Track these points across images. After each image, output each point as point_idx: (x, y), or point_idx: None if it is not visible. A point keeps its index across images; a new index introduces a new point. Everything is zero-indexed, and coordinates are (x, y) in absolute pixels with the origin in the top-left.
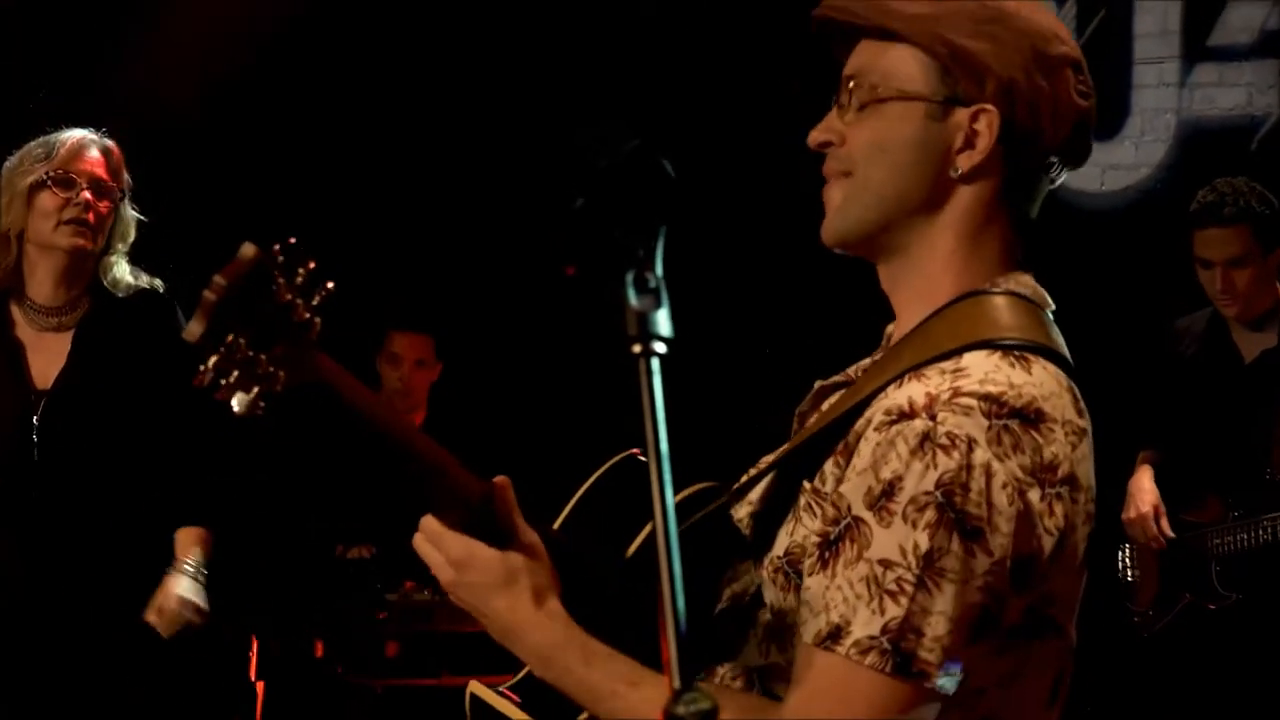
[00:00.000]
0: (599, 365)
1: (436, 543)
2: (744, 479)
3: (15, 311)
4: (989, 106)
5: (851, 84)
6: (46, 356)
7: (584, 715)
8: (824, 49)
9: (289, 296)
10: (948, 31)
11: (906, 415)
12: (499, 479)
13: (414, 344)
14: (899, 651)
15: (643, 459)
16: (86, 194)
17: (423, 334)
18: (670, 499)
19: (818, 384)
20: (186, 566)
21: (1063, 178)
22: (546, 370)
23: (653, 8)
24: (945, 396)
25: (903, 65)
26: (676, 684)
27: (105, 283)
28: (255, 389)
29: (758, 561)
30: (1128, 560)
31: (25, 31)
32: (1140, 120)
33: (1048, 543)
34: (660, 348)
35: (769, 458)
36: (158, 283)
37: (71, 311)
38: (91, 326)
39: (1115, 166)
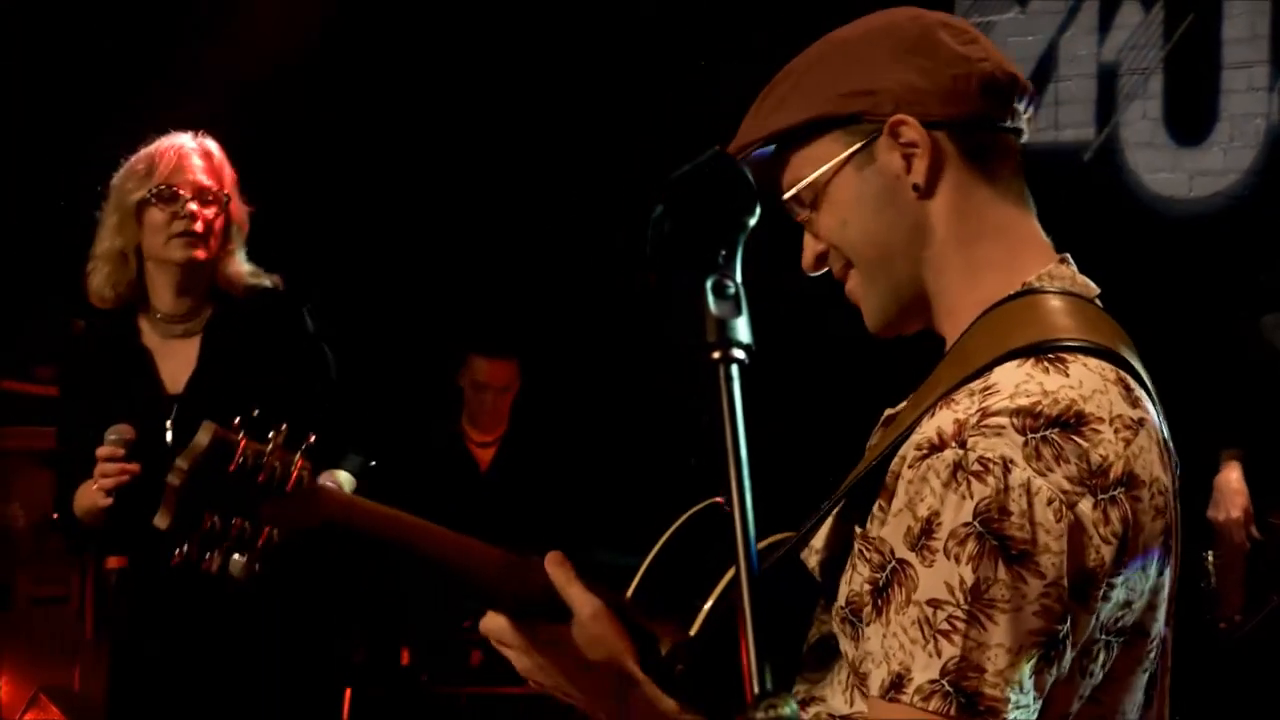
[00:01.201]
0: (681, 373)
1: (502, 638)
2: (808, 524)
3: (142, 321)
4: (898, 115)
5: (791, 197)
6: (176, 362)
7: None
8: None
9: (263, 459)
10: (820, 91)
11: (937, 447)
12: (551, 555)
13: (498, 371)
14: (962, 692)
15: (725, 509)
16: (192, 205)
17: (506, 359)
18: (750, 510)
19: (887, 413)
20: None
21: (1025, 132)
22: (626, 378)
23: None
24: (974, 420)
25: (812, 149)
26: (755, 688)
27: (220, 284)
28: (246, 554)
29: (829, 610)
30: (1211, 566)
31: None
32: (1229, 126)
33: (1107, 552)
34: (740, 355)
35: (829, 500)
36: (275, 279)
37: (196, 317)
38: (217, 330)
39: (1204, 172)
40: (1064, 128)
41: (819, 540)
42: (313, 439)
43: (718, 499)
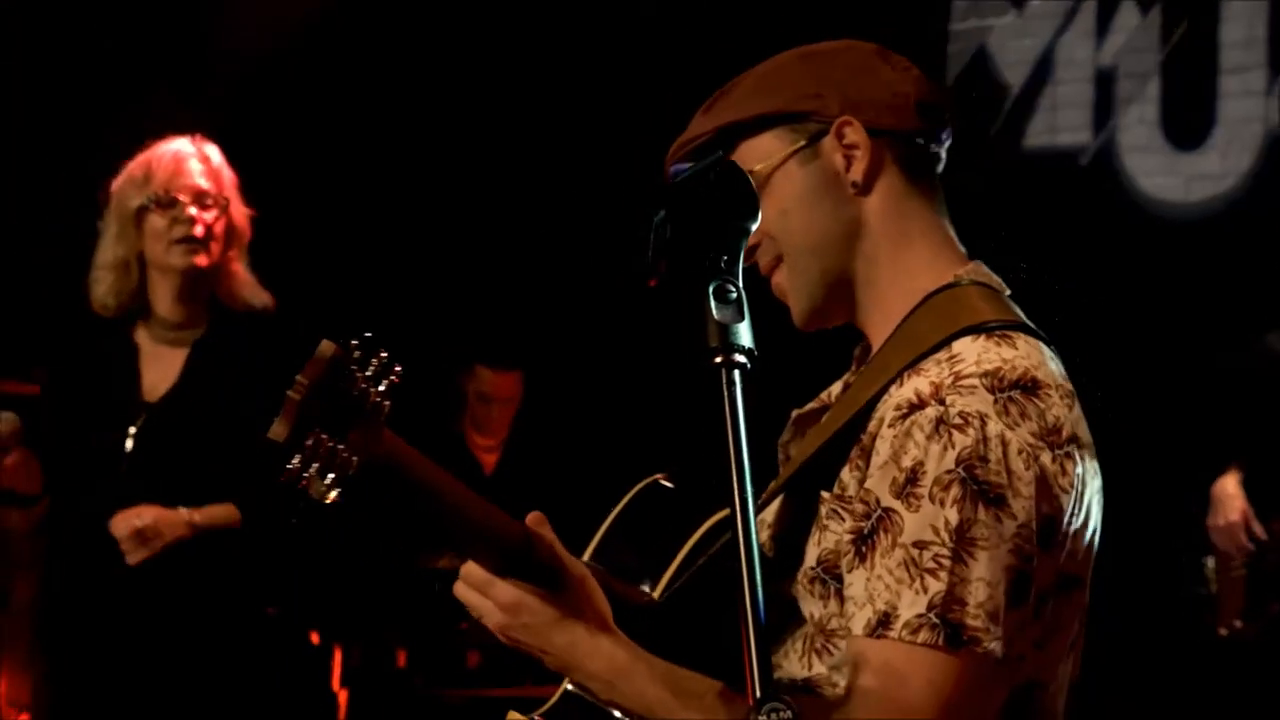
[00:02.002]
0: (678, 380)
1: (484, 590)
2: (758, 500)
3: (140, 326)
4: (845, 117)
5: None
6: (160, 369)
7: None
8: None
9: (363, 385)
10: (773, 92)
11: (917, 406)
12: (533, 515)
13: (504, 383)
14: (948, 624)
15: (666, 485)
16: (191, 210)
17: (512, 371)
18: (751, 512)
19: (795, 413)
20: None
21: (942, 160)
22: (631, 381)
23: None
24: (949, 382)
25: (760, 143)
26: (758, 693)
27: (221, 296)
28: (332, 476)
29: (789, 579)
30: (1210, 573)
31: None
32: (1226, 130)
33: (1065, 501)
34: (741, 359)
35: (774, 483)
36: (267, 300)
37: (191, 327)
38: (206, 347)
39: (1201, 177)
40: (1060, 132)
41: (769, 514)
42: (399, 369)
43: (658, 475)
